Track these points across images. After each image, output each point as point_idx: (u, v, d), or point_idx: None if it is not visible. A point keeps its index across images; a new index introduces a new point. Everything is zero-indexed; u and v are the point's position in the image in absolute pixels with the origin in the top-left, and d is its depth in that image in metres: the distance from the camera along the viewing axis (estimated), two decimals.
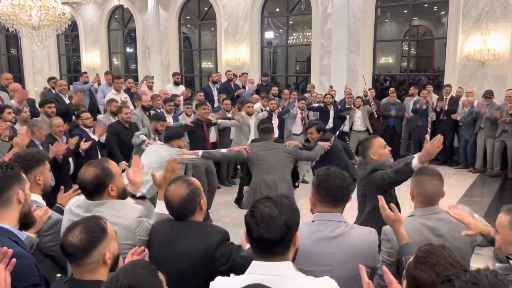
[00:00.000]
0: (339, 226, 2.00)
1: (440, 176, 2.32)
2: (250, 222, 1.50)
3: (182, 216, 2.07)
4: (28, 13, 9.32)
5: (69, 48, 17.18)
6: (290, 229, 1.50)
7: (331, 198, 2.01)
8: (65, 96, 7.11)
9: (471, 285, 0.97)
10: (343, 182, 2.01)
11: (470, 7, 9.41)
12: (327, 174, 2.04)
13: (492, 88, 8.73)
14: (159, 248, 2.06)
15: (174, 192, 2.05)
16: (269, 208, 1.50)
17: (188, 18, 14.10)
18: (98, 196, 2.14)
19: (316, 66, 11.43)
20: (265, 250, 1.50)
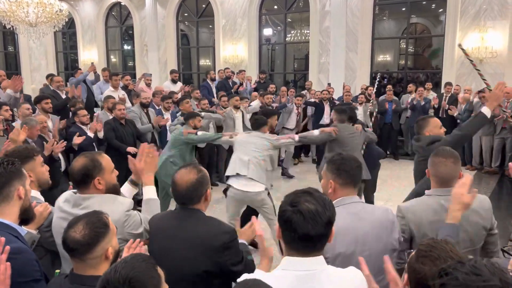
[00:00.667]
0: (363, 205, 2.13)
1: (456, 158, 2.31)
2: (295, 218, 1.45)
3: (188, 201, 2.06)
4: (25, 10, 9.28)
5: (67, 45, 17.12)
6: (331, 224, 1.51)
7: (351, 179, 2.09)
8: (62, 92, 7.09)
9: (474, 276, 0.96)
10: (358, 163, 2.14)
11: (468, 4, 9.42)
12: (343, 157, 2.14)
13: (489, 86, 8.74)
14: (163, 238, 2.05)
15: (183, 176, 2.05)
16: (313, 204, 1.47)
17: (186, 15, 14.07)
18: (84, 187, 2.12)
19: (314, 64, 11.44)
20: (308, 246, 1.48)
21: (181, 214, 2.08)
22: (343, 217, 1.96)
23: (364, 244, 1.99)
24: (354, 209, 2.06)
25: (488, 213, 2.26)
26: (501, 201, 6.93)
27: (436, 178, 2.32)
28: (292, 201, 1.49)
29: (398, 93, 10.50)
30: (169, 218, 2.13)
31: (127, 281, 1.29)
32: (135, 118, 6.42)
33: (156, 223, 2.13)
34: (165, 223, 2.11)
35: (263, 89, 9.02)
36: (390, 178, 7.98)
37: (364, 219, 2.05)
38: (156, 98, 7.13)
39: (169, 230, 2.05)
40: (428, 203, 2.28)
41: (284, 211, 1.49)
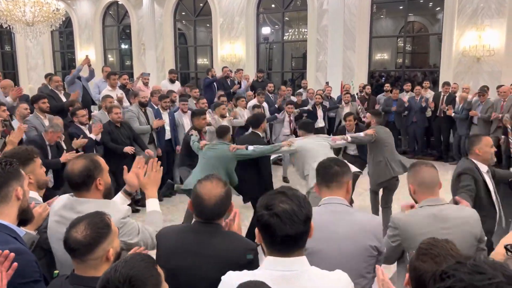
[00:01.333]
0: (343, 206, 2.17)
1: (434, 166, 2.44)
2: (272, 221, 1.44)
3: (215, 217, 1.93)
4: (22, 9, 9.25)
5: (64, 44, 17.06)
6: (309, 220, 1.50)
7: (321, 178, 2.24)
8: (60, 92, 7.06)
9: (479, 275, 0.96)
10: (331, 162, 2.26)
11: (466, 3, 9.44)
12: (324, 161, 2.31)
13: (487, 84, 8.78)
14: (182, 255, 1.91)
15: (211, 190, 1.91)
16: (288, 204, 1.46)
17: (184, 14, 14.05)
18: (85, 189, 2.08)
19: (312, 62, 11.44)
20: (289, 246, 1.47)
21: (202, 230, 1.93)
22: (320, 214, 2.08)
23: (336, 243, 2.05)
24: (334, 209, 2.14)
25: (478, 223, 2.30)
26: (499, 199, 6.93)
27: (422, 187, 2.36)
28: (267, 204, 1.48)
29: None
30: (188, 234, 1.97)
31: (127, 280, 1.29)
32: (133, 117, 6.40)
33: (171, 239, 1.99)
34: (184, 239, 1.96)
35: (261, 88, 9.00)
36: None
37: (342, 219, 2.11)
38: (155, 98, 7.11)
39: (189, 247, 1.92)
40: (421, 214, 2.30)
41: (261, 216, 1.47)
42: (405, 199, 3.11)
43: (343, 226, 2.08)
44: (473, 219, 2.29)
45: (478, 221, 2.30)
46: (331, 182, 2.18)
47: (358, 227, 2.09)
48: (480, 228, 2.30)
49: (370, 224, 2.12)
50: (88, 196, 2.09)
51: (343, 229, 2.07)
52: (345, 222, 2.08)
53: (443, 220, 2.24)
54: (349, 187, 2.21)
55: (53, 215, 2.11)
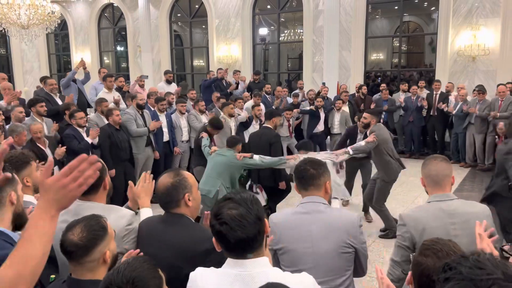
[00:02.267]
0: (318, 206, 2.21)
1: (446, 159, 2.39)
2: (223, 229, 1.46)
3: (165, 205, 2.08)
4: (17, 12, 9.22)
5: (59, 47, 17.02)
6: (261, 220, 1.51)
7: (298, 181, 2.29)
8: (55, 95, 7.04)
9: (478, 270, 0.98)
10: (306, 165, 2.27)
11: (460, 2, 9.48)
12: (301, 160, 2.37)
13: (482, 83, 8.82)
14: (149, 244, 2.03)
15: (161, 180, 2.10)
16: (235, 209, 1.48)
17: (179, 16, 14.04)
18: (95, 191, 2.11)
19: (308, 63, 11.45)
20: (245, 249, 1.49)
21: (167, 219, 2.08)
22: (295, 214, 2.24)
23: (309, 242, 2.13)
24: (310, 208, 2.22)
25: (488, 220, 2.25)
26: None
27: (430, 180, 2.33)
28: (216, 213, 1.50)
29: (392, 91, 10.54)
30: (155, 223, 2.12)
31: (130, 281, 1.30)
32: (130, 120, 6.38)
33: (145, 227, 2.13)
34: (151, 228, 2.10)
35: (258, 89, 9.00)
36: None
37: (316, 218, 2.18)
38: (151, 100, 7.10)
39: (155, 236, 2.05)
40: (428, 209, 2.30)
41: (213, 226, 1.50)
42: (404, 195, 3.12)
43: (317, 224, 2.14)
44: (483, 215, 2.26)
45: (488, 217, 2.26)
46: (308, 185, 2.24)
47: (331, 225, 2.15)
48: (491, 224, 2.26)
49: (343, 221, 2.18)
50: (95, 198, 2.12)
51: (316, 228, 2.13)
52: (318, 220, 2.15)
53: (451, 214, 2.24)
54: (327, 187, 2.26)
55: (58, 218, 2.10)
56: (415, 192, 6.96)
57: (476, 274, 0.97)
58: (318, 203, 2.21)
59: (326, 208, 2.21)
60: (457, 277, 0.99)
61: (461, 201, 2.33)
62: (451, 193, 2.33)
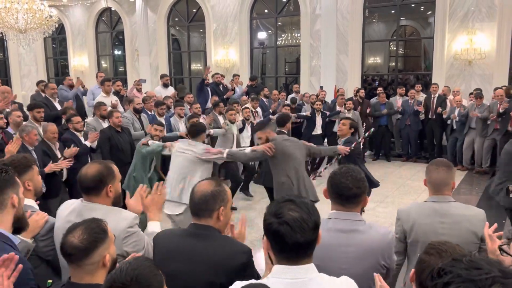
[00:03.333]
0: (355, 224, 2.03)
1: (448, 167, 2.47)
2: (282, 229, 1.43)
3: (199, 212, 1.97)
4: (14, 16, 9.23)
5: (57, 51, 17.02)
6: (318, 228, 1.50)
7: (335, 195, 2.03)
8: (55, 100, 7.05)
9: (476, 271, 0.99)
10: (349, 183, 2.00)
11: (457, 7, 9.54)
12: (335, 172, 2.08)
13: (479, 87, 8.88)
14: (174, 260, 1.93)
15: (200, 186, 2.00)
16: (297, 212, 1.46)
17: (177, 20, 14.07)
18: (96, 193, 2.13)
19: (305, 67, 11.49)
20: (299, 254, 1.47)
21: (195, 233, 1.96)
22: (327, 230, 1.97)
23: (344, 263, 1.97)
24: (345, 227, 2.04)
25: (481, 223, 2.30)
26: (493, 200, 6.98)
27: (430, 185, 2.47)
28: (276, 211, 1.47)
29: (389, 95, 10.58)
30: (183, 238, 1.99)
31: (134, 278, 1.33)
32: (128, 124, 6.38)
33: (168, 242, 2.02)
34: (178, 243, 1.99)
35: (255, 93, 9.02)
36: (383, 179, 8.02)
37: (353, 238, 2.03)
38: (147, 104, 7.09)
39: (184, 251, 1.94)
40: (423, 207, 2.47)
41: (271, 224, 1.47)
42: (401, 198, 3.15)
43: (355, 246, 1.99)
44: (476, 219, 2.36)
45: (482, 221, 2.32)
46: (346, 203, 2.04)
47: (369, 247, 2.00)
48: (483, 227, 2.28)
49: (380, 242, 2.03)
50: (97, 202, 2.14)
51: (354, 249, 1.99)
52: (356, 241, 2.00)
53: (442, 215, 2.37)
54: (365, 202, 2.10)
55: (62, 221, 2.13)
56: (412, 196, 6.98)
57: (475, 275, 0.98)
58: (355, 221, 2.03)
59: (364, 226, 2.04)
60: (457, 280, 1.00)
61: (458, 204, 2.42)
62: (450, 196, 2.43)
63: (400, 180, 7.94)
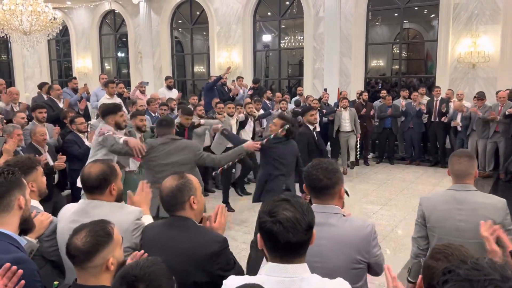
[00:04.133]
0: (328, 217, 2.00)
1: (470, 158, 2.56)
2: (275, 228, 1.44)
3: (170, 208, 2.06)
4: (19, 18, 9.28)
5: (60, 53, 17.10)
6: (312, 229, 1.51)
7: (308, 188, 2.06)
8: (59, 101, 7.07)
9: (475, 271, 1.02)
10: (319, 174, 2.00)
11: (460, 10, 9.53)
12: (309, 165, 2.10)
13: (482, 90, 8.86)
14: (154, 250, 1.97)
15: (165, 183, 2.09)
16: (291, 212, 1.47)
17: (180, 22, 14.11)
18: (99, 192, 2.18)
19: (308, 70, 11.50)
20: (291, 254, 1.48)
21: (172, 224, 2.06)
22: None
23: (317, 256, 1.92)
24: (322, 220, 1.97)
25: (499, 212, 2.40)
26: None
27: (452, 175, 2.58)
28: (271, 210, 1.47)
29: (393, 98, 10.56)
30: (160, 227, 2.11)
31: (147, 274, 1.38)
32: (131, 125, 6.39)
33: (150, 234, 2.12)
34: (155, 233, 2.09)
35: (258, 96, 9.04)
36: (386, 182, 8.01)
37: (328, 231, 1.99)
38: (152, 106, 7.12)
39: (160, 241, 2.03)
40: (443, 194, 2.60)
41: (264, 222, 1.47)
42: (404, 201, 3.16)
43: (327, 239, 1.95)
44: (495, 207, 2.41)
45: (500, 209, 2.41)
46: (321, 195, 2.05)
47: (342, 241, 1.97)
48: (503, 216, 2.40)
49: (355, 237, 1.99)
50: (101, 198, 2.19)
51: (327, 243, 1.94)
52: (329, 235, 1.96)
53: (460, 201, 2.46)
54: (341, 194, 2.10)
55: (65, 220, 2.15)
56: (415, 199, 6.94)
57: (473, 275, 1.02)
58: (330, 213, 2.02)
59: (338, 220, 2.02)
60: (455, 278, 1.04)
61: (478, 192, 2.51)
62: (471, 185, 2.53)
63: (403, 183, 7.92)
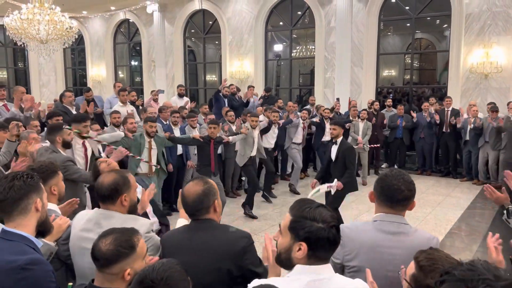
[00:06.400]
0: (402, 227, 2.00)
1: None
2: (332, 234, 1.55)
3: (196, 212, 2.11)
4: (36, 27, 9.48)
5: (75, 61, 17.41)
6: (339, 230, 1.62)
7: (385, 198, 2.01)
8: (72, 108, 7.21)
9: (469, 272, 1.08)
10: (401, 185, 1.98)
11: (473, 20, 9.51)
12: (386, 174, 2.05)
13: (495, 100, 8.81)
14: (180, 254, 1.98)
15: (189, 189, 2.13)
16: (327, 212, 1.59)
17: (193, 31, 14.29)
18: (110, 202, 2.17)
19: (319, 79, 11.54)
20: (326, 256, 1.58)
21: (195, 227, 2.11)
22: (374, 231, 2.01)
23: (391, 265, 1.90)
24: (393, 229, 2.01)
25: None
26: None
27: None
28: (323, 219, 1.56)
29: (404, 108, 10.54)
30: (185, 233, 2.14)
31: (164, 278, 1.41)
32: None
33: (173, 240, 2.15)
34: (178, 239, 2.12)
35: (269, 104, 9.10)
36: None
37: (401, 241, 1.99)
38: (164, 114, 7.21)
39: (187, 245, 2.06)
40: None
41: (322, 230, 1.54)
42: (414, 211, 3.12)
43: (401, 248, 1.94)
44: None
45: None
46: (396, 205, 2.01)
47: (414, 250, 1.84)
48: None
49: (426, 245, 1.86)
50: (113, 208, 2.19)
51: (401, 252, 1.93)
52: (403, 244, 1.95)
53: None
54: (412, 206, 2.08)
55: (78, 228, 2.17)
56: (426, 209, 6.92)
57: (468, 275, 1.07)
58: (403, 224, 2.00)
59: (411, 229, 2.01)
60: (450, 279, 1.10)
61: None
62: None
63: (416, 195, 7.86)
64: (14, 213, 1.83)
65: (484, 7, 9.35)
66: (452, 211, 6.81)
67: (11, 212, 1.83)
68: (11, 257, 1.72)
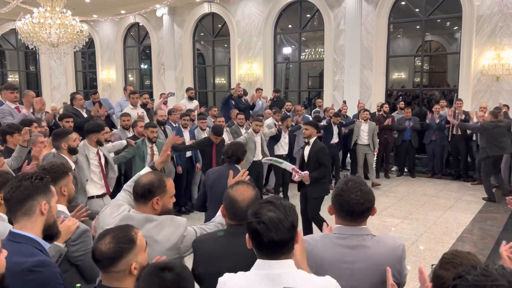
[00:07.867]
0: (362, 239, 1.93)
1: None
2: (259, 228, 1.55)
3: (245, 218, 2.01)
4: (47, 31, 9.60)
5: (86, 64, 17.57)
6: (295, 229, 1.60)
7: (345, 213, 1.92)
8: (83, 110, 7.26)
9: (482, 277, 1.04)
10: (359, 198, 1.89)
11: (483, 22, 9.42)
12: (343, 188, 1.94)
13: (506, 103, 8.71)
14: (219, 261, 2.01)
15: (243, 193, 2.08)
16: (274, 212, 1.57)
17: (202, 35, 14.35)
18: (143, 202, 2.18)
19: (329, 81, 11.50)
20: (275, 251, 1.57)
21: (235, 232, 2.06)
22: (334, 245, 1.94)
23: (350, 280, 1.88)
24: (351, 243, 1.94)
25: None
26: None
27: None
28: (256, 212, 1.59)
29: (413, 110, 10.47)
30: (223, 238, 2.09)
31: (176, 266, 1.51)
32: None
33: (209, 245, 2.11)
34: (220, 244, 2.08)
35: (278, 107, 9.08)
36: (407, 195, 7.91)
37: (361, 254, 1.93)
38: (173, 116, 7.23)
39: (226, 250, 2.04)
40: None
41: (250, 223, 1.58)
42: (425, 214, 3.10)
43: (361, 263, 1.90)
44: None
45: None
46: (356, 218, 1.94)
47: (376, 263, 1.90)
48: None
49: (388, 258, 1.91)
50: (145, 211, 2.18)
51: (360, 266, 1.89)
52: (363, 257, 1.90)
53: None
54: (373, 212, 1.99)
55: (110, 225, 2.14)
56: (437, 212, 6.84)
57: (481, 281, 1.04)
58: (363, 236, 1.93)
59: (371, 241, 1.94)
60: (463, 284, 1.07)
61: None
62: None
63: (424, 197, 7.80)
64: (18, 214, 1.83)
65: (495, 9, 9.26)
66: (463, 215, 6.72)
67: (15, 212, 1.83)
68: (19, 259, 1.72)
